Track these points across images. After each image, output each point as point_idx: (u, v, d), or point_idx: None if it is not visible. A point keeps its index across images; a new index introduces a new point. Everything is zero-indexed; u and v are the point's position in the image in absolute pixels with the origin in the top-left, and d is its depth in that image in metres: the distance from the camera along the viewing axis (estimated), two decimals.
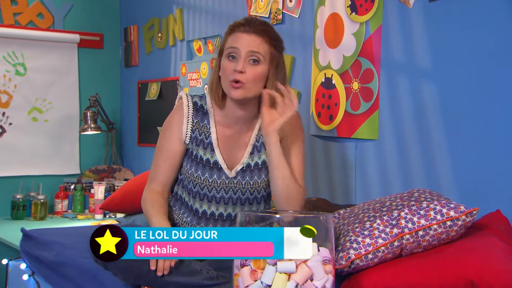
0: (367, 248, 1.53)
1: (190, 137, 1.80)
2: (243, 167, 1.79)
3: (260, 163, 1.80)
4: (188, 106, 1.81)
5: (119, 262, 1.51)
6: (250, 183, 1.78)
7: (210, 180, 1.77)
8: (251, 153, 1.80)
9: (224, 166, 1.78)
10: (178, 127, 1.81)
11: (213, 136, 1.80)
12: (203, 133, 1.80)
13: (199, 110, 1.82)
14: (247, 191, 1.79)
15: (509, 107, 1.77)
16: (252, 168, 1.79)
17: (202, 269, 1.59)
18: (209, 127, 1.81)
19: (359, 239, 1.55)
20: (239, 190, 1.78)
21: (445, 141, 1.96)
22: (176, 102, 1.87)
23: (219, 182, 1.77)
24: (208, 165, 1.78)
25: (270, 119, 1.70)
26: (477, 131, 1.86)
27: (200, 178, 1.78)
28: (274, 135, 1.70)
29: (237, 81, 1.68)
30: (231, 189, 1.78)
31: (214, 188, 1.78)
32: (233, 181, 1.78)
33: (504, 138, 1.78)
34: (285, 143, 1.78)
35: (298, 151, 1.81)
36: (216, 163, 1.78)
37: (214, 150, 1.79)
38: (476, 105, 1.86)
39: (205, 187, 1.78)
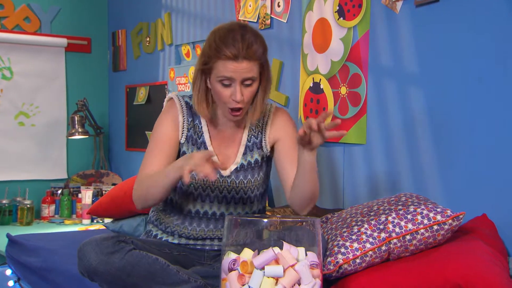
0: (355, 252, 1.53)
1: (186, 136, 1.80)
2: (237, 167, 1.79)
3: (253, 162, 1.81)
4: (182, 105, 1.82)
5: (106, 274, 1.52)
6: (244, 182, 1.79)
7: (204, 179, 1.77)
8: (244, 153, 1.81)
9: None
10: (172, 123, 1.80)
11: (206, 136, 1.81)
12: (196, 133, 1.81)
13: (190, 110, 1.83)
14: (241, 190, 1.79)
15: (496, 112, 1.78)
16: (246, 167, 1.80)
17: (190, 278, 1.58)
18: (201, 127, 1.81)
19: (347, 243, 1.56)
20: (233, 189, 1.79)
21: (432, 146, 1.97)
22: (165, 103, 1.86)
23: (213, 180, 1.77)
24: None
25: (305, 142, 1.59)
26: (463, 135, 1.87)
27: (194, 177, 1.77)
28: (314, 153, 1.61)
29: (237, 109, 1.70)
30: (225, 188, 1.78)
31: (208, 187, 1.78)
32: (227, 180, 1.78)
33: (490, 143, 1.80)
34: (285, 143, 1.80)
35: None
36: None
37: (207, 149, 1.79)
38: (463, 109, 1.87)
39: (200, 186, 1.78)
